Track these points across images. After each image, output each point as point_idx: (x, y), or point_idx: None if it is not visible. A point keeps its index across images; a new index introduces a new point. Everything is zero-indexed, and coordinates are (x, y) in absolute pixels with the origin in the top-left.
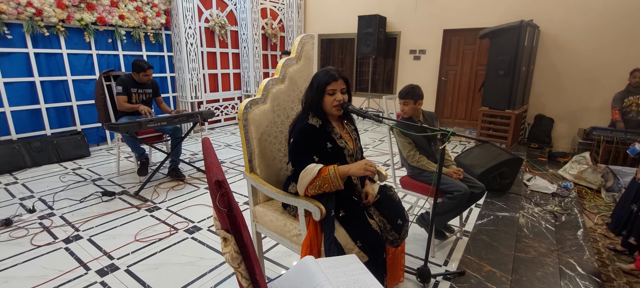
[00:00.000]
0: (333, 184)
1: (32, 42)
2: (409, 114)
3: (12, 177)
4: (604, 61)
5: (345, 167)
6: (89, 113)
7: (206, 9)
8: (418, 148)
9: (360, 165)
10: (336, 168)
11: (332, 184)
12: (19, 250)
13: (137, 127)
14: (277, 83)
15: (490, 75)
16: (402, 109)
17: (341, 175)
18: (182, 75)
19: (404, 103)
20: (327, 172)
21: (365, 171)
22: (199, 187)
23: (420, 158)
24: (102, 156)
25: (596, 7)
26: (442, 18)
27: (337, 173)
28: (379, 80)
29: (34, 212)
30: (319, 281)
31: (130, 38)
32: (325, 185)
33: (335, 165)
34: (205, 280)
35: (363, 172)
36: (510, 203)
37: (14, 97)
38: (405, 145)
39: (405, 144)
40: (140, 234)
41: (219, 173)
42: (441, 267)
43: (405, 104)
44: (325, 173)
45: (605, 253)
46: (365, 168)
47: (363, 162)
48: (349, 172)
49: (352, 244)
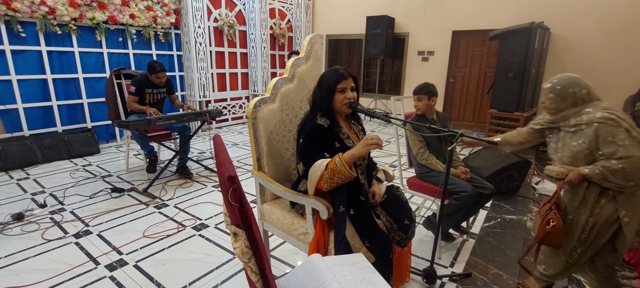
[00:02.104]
0: (343, 173)
1: (45, 40)
2: (422, 110)
3: (23, 172)
4: (615, 65)
5: (349, 152)
6: (99, 110)
7: (215, 9)
8: (429, 147)
9: (363, 143)
10: (341, 156)
11: (341, 173)
12: (30, 244)
13: (147, 125)
14: (286, 82)
15: (500, 77)
16: (416, 105)
17: (347, 161)
18: (191, 74)
19: (417, 99)
20: (334, 162)
21: (369, 147)
22: (207, 185)
23: (429, 156)
24: (112, 153)
25: (609, 10)
26: (451, 19)
27: (343, 160)
28: (386, 81)
29: (45, 207)
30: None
31: (141, 37)
32: (335, 177)
33: (340, 154)
34: (212, 276)
35: (367, 149)
36: (517, 206)
37: (27, 94)
38: (416, 142)
39: (416, 141)
40: (149, 230)
41: (231, 169)
42: (447, 269)
43: (419, 100)
44: (332, 164)
45: None
46: (367, 144)
47: (363, 140)
48: (354, 155)
49: (360, 244)
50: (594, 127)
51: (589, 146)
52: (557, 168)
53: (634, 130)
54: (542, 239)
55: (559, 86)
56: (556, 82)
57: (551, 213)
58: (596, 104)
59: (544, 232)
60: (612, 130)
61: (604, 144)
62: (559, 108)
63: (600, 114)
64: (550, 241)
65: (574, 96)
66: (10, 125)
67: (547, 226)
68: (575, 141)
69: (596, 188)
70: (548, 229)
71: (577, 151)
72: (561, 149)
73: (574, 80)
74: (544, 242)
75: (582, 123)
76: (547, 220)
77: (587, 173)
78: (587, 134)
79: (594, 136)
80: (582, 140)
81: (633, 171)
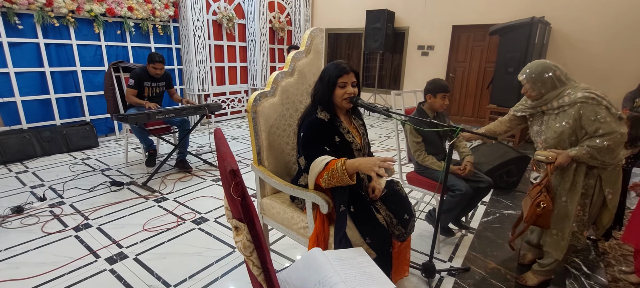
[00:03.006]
0: (341, 179)
1: (43, 32)
2: (443, 107)
3: (22, 165)
4: (615, 60)
5: (354, 162)
6: (98, 104)
7: (214, 2)
8: (427, 145)
9: (370, 165)
10: (344, 163)
11: (340, 179)
12: (30, 237)
13: (146, 119)
14: (287, 76)
15: (499, 72)
16: (441, 104)
17: (349, 170)
18: (190, 67)
19: (442, 97)
20: (335, 166)
21: (373, 171)
22: (206, 179)
23: (425, 157)
24: (111, 147)
25: (610, 6)
26: (451, 14)
27: (345, 168)
28: (386, 75)
29: (44, 200)
30: (326, 272)
31: (139, 30)
32: (333, 179)
33: (344, 159)
34: (212, 270)
35: (371, 172)
36: (516, 202)
37: (25, 86)
38: (413, 143)
39: (413, 143)
40: (149, 224)
41: (233, 162)
42: (446, 263)
43: (444, 98)
44: (333, 167)
45: (611, 252)
46: (373, 168)
47: (374, 160)
48: (358, 168)
49: (361, 241)
50: (577, 107)
51: (573, 126)
52: (546, 153)
53: (613, 108)
54: (534, 221)
55: (534, 74)
56: (529, 71)
57: (541, 196)
58: (574, 84)
59: (536, 214)
60: (594, 108)
61: (587, 122)
62: (541, 93)
63: (581, 94)
64: (541, 222)
65: (552, 80)
66: (9, 118)
67: (538, 208)
68: (559, 122)
69: (583, 167)
70: (539, 211)
71: (561, 132)
72: (545, 131)
73: (545, 66)
74: (535, 223)
75: (565, 104)
76: (538, 202)
77: (575, 154)
78: (570, 114)
79: (578, 116)
80: (566, 120)
81: (615, 146)
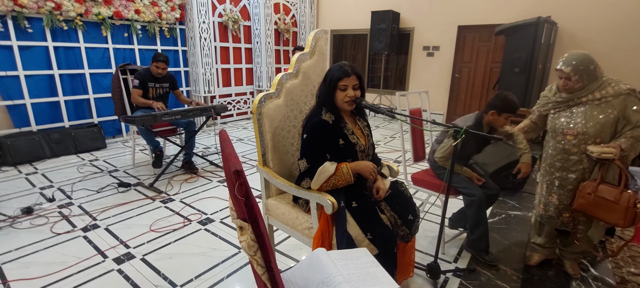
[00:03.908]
0: (346, 180)
1: (52, 35)
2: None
3: (32, 167)
4: (622, 60)
5: (356, 166)
6: (106, 106)
7: (220, 4)
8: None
9: (369, 169)
10: (348, 165)
11: (344, 180)
12: (39, 237)
13: (153, 120)
14: (291, 78)
15: (505, 72)
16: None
17: (352, 171)
18: (196, 69)
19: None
20: (341, 170)
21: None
22: (212, 180)
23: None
24: (118, 148)
25: (617, 5)
26: (456, 14)
27: (350, 170)
28: (391, 76)
29: (53, 201)
30: (330, 273)
31: (146, 32)
32: (339, 182)
33: (348, 163)
34: (217, 270)
35: (367, 175)
36: (522, 202)
37: (34, 89)
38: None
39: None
40: (155, 224)
41: (237, 163)
42: (451, 264)
43: (507, 118)
44: (340, 172)
45: (620, 254)
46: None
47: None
48: (358, 169)
49: (362, 236)
50: (621, 99)
51: (617, 116)
52: (608, 149)
53: None
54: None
55: (581, 66)
56: (576, 63)
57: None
58: (609, 77)
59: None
60: (635, 100)
61: (631, 113)
62: (584, 85)
63: (625, 86)
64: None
65: (594, 72)
66: (19, 120)
67: (636, 209)
68: (603, 113)
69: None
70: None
71: (605, 122)
72: (581, 122)
73: (589, 57)
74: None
75: (609, 95)
76: (634, 202)
77: (624, 147)
78: (613, 104)
79: (623, 106)
80: (610, 110)
81: None
